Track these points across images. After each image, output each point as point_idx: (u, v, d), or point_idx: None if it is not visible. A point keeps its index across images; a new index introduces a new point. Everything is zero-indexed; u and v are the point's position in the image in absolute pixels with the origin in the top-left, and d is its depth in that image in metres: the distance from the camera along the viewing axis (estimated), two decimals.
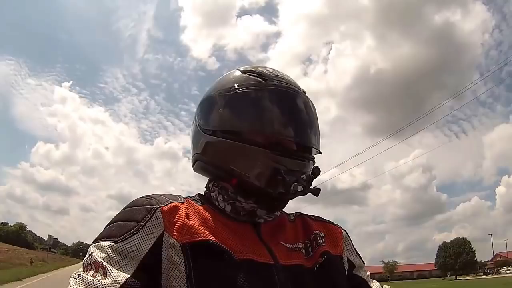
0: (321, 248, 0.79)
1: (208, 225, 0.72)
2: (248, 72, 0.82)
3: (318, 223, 0.87)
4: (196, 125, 0.85)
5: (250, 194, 0.77)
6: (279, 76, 0.82)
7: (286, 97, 0.79)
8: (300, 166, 0.76)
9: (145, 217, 0.69)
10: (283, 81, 0.81)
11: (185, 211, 0.73)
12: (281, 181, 0.73)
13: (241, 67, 0.85)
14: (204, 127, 0.82)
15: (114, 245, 0.66)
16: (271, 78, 0.80)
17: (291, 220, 0.86)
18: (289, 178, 0.73)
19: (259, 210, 0.78)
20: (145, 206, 0.72)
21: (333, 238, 0.84)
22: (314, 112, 0.83)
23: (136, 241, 0.67)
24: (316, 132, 0.82)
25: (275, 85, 0.79)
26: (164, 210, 0.71)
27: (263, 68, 0.83)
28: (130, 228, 0.68)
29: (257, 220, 0.78)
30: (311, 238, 0.81)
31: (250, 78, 0.80)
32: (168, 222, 0.70)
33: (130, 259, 0.65)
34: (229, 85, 0.80)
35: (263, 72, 0.81)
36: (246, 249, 0.71)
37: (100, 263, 0.63)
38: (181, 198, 0.77)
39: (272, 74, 0.81)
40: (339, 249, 0.83)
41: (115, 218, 0.72)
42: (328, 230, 0.86)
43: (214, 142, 0.79)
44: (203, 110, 0.84)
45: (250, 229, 0.77)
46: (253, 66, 0.84)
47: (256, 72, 0.81)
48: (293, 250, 0.78)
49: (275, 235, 0.78)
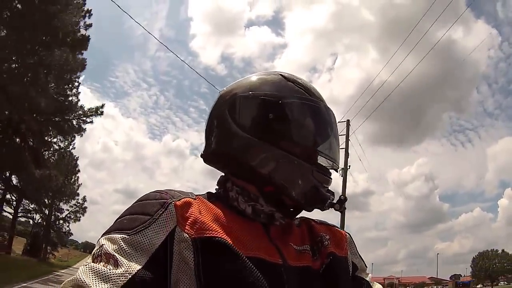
0: (327, 249, 0.81)
1: (220, 222, 0.72)
2: (295, 83, 0.81)
3: (323, 226, 0.88)
4: (229, 119, 0.79)
5: (271, 199, 0.78)
6: (317, 91, 0.84)
7: (325, 115, 0.83)
8: (329, 183, 0.81)
9: (158, 211, 0.69)
10: (320, 97, 0.84)
11: (197, 207, 0.73)
12: (319, 197, 0.77)
13: (281, 73, 0.83)
14: (243, 126, 0.78)
15: (127, 238, 0.65)
16: (314, 95, 0.82)
17: (297, 224, 0.87)
18: (326, 195, 0.77)
19: (277, 214, 0.79)
20: (158, 200, 0.71)
21: (338, 241, 0.85)
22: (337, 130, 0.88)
23: (149, 234, 0.66)
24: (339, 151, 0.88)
25: (317, 102, 0.81)
26: (177, 204, 0.70)
27: (303, 80, 0.84)
28: (143, 221, 0.67)
29: (274, 222, 0.79)
30: (317, 240, 0.83)
31: (298, 90, 0.80)
32: (181, 217, 0.69)
33: (142, 252, 0.64)
34: (276, 91, 0.79)
35: (307, 85, 0.83)
36: (256, 248, 0.71)
37: (111, 254, 0.63)
38: (193, 195, 0.77)
39: (312, 89, 0.83)
40: (344, 251, 0.84)
41: (127, 211, 0.71)
42: (333, 233, 0.87)
43: (253, 143, 0.76)
44: (245, 107, 0.79)
45: (260, 229, 0.77)
46: (294, 76, 0.83)
47: (302, 84, 0.82)
48: (301, 252, 0.79)
49: (284, 237, 0.79)
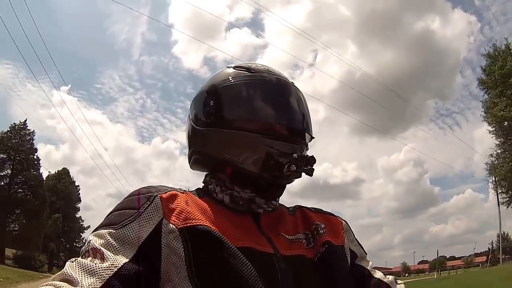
0: (322, 238, 0.80)
1: (207, 214, 0.72)
2: (237, 68, 0.84)
3: (318, 214, 0.87)
4: (189, 121, 0.86)
5: (247, 183, 0.78)
6: (267, 69, 0.84)
7: (274, 85, 0.81)
8: (292, 149, 0.76)
9: (144, 204, 0.70)
10: (271, 73, 0.83)
11: (184, 199, 0.74)
12: (275, 164, 0.74)
13: (230, 65, 0.87)
14: (197, 121, 0.83)
15: (113, 232, 0.66)
16: (259, 71, 0.82)
17: (291, 212, 0.86)
18: (282, 159, 0.74)
19: (258, 199, 0.78)
20: (144, 194, 0.72)
21: (333, 229, 0.84)
22: (303, 100, 0.84)
23: (135, 227, 0.67)
24: (306, 117, 0.83)
25: (263, 76, 0.81)
26: (163, 197, 0.71)
27: (252, 63, 0.85)
28: (129, 215, 0.68)
29: (256, 209, 0.78)
30: (311, 229, 0.81)
31: (239, 72, 0.82)
32: (167, 208, 0.70)
33: (129, 245, 0.65)
34: (219, 79, 0.82)
35: (251, 66, 0.84)
36: (246, 238, 0.71)
37: (98, 249, 0.63)
38: (181, 190, 0.78)
39: (260, 68, 0.84)
40: (340, 239, 0.83)
41: (115, 207, 0.72)
42: (329, 221, 0.86)
43: (206, 133, 0.80)
44: (195, 105, 0.85)
45: (250, 220, 0.77)
46: (243, 63, 0.86)
47: (245, 66, 0.84)
48: (293, 241, 0.77)
49: (275, 226, 0.79)
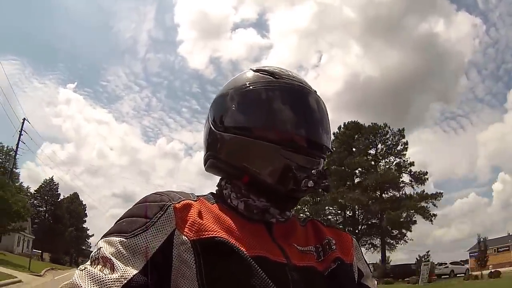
0: (334, 253, 0.78)
1: (220, 223, 0.71)
2: (260, 71, 0.83)
3: (330, 229, 0.87)
4: (209, 124, 0.84)
5: (262, 192, 0.77)
6: (291, 75, 0.83)
7: (297, 95, 0.80)
8: (311, 163, 0.76)
9: (157, 214, 0.68)
10: (294, 80, 0.81)
11: (197, 209, 0.72)
12: (292, 178, 0.73)
13: (253, 67, 0.85)
14: (217, 125, 0.81)
15: (124, 241, 0.65)
16: (282, 77, 0.81)
17: (302, 224, 0.85)
18: (300, 174, 0.73)
19: (272, 209, 0.77)
20: (157, 202, 0.70)
21: (344, 246, 0.84)
22: (325, 110, 0.83)
23: (147, 237, 0.65)
24: (327, 131, 0.81)
25: (286, 83, 0.80)
26: (176, 207, 0.69)
27: (275, 67, 0.84)
28: (141, 224, 0.67)
29: (270, 219, 0.77)
30: (323, 243, 0.80)
31: (262, 76, 0.81)
32: (180, 219, 0.68)
33: (140, 256, 0.64)
34: (241, 83, 0.81)
35: (275, 71, 0.82)
36: (259, 247, 0.70)
37: (108, 258, 0.62)
38: (193, 196, 0.76)
39: (283, 73, 0.82)
40: (350, 257, 0.83)
41: (126, 213, 0.71)
42: (339, 237, 0.85)
43: (226, 139, 0.79)
44: (215, 108, 0.84)
45: (263, 229, 0.76)
46: (266, 66, 0.85)
47: (268, 71, 0.82)
48: (305, 252, 0.77)
49: (287, 237, 0.78)
